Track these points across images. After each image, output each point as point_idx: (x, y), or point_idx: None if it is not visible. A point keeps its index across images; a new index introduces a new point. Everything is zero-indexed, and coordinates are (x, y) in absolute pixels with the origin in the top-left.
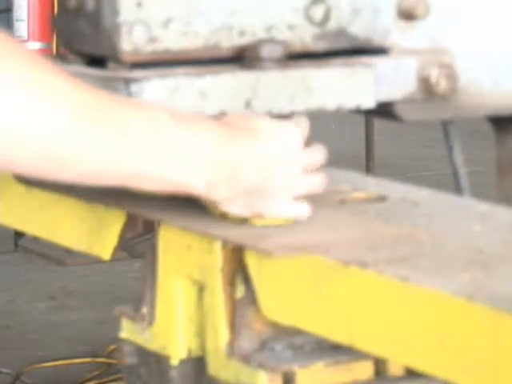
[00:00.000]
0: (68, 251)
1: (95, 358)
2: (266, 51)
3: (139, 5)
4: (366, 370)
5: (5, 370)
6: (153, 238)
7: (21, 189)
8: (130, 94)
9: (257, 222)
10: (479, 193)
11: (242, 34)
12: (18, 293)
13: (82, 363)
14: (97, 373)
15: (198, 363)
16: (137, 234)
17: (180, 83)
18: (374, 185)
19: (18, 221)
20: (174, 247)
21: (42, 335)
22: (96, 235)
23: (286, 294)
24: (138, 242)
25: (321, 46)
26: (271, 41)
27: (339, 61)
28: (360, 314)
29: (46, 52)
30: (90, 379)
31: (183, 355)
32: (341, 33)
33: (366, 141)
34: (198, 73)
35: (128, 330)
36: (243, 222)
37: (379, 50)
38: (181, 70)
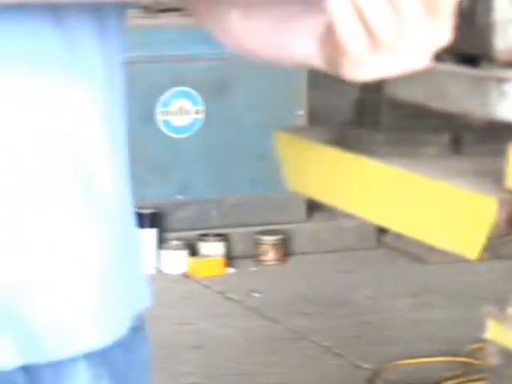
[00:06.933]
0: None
1: (455, 357)
2: None
3: None
4: None
5: (364, 365)
6: None
7: None
8: (502, 94)
9: None
10: None
11: None
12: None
13: (443, 362)
14: (457, 372)
15: None
16: (499, 235)
17: None
18: None
19: None
20: None
21: (403, 333)
22: (465, 233)
23: None
24: (502, 243)
25: None
26: None
27: None
28: None
29: None
30: (449, 378)
31: None
32: None
33: None
34: None
35: (493, 331)
36: None
37: None
38: None
